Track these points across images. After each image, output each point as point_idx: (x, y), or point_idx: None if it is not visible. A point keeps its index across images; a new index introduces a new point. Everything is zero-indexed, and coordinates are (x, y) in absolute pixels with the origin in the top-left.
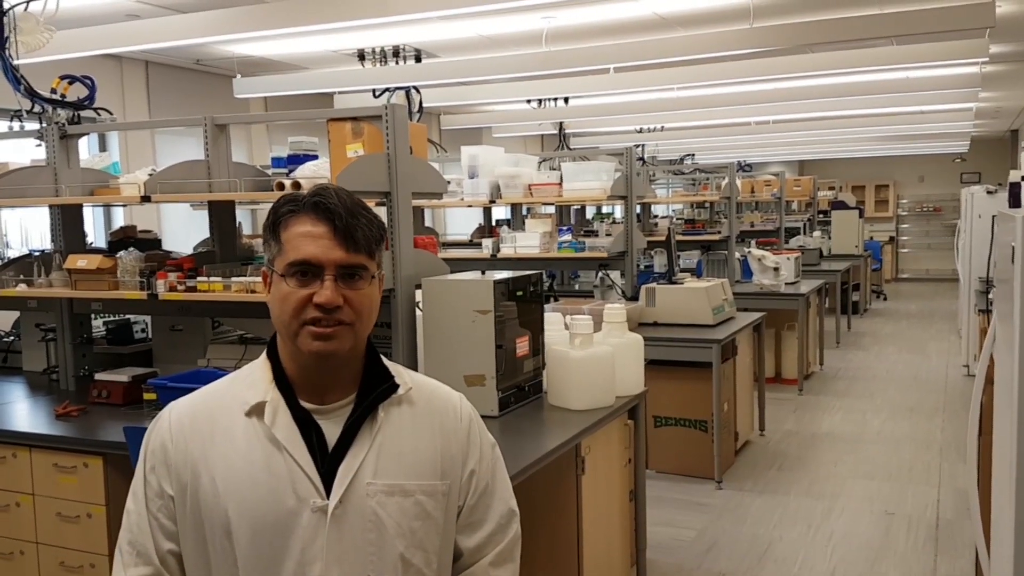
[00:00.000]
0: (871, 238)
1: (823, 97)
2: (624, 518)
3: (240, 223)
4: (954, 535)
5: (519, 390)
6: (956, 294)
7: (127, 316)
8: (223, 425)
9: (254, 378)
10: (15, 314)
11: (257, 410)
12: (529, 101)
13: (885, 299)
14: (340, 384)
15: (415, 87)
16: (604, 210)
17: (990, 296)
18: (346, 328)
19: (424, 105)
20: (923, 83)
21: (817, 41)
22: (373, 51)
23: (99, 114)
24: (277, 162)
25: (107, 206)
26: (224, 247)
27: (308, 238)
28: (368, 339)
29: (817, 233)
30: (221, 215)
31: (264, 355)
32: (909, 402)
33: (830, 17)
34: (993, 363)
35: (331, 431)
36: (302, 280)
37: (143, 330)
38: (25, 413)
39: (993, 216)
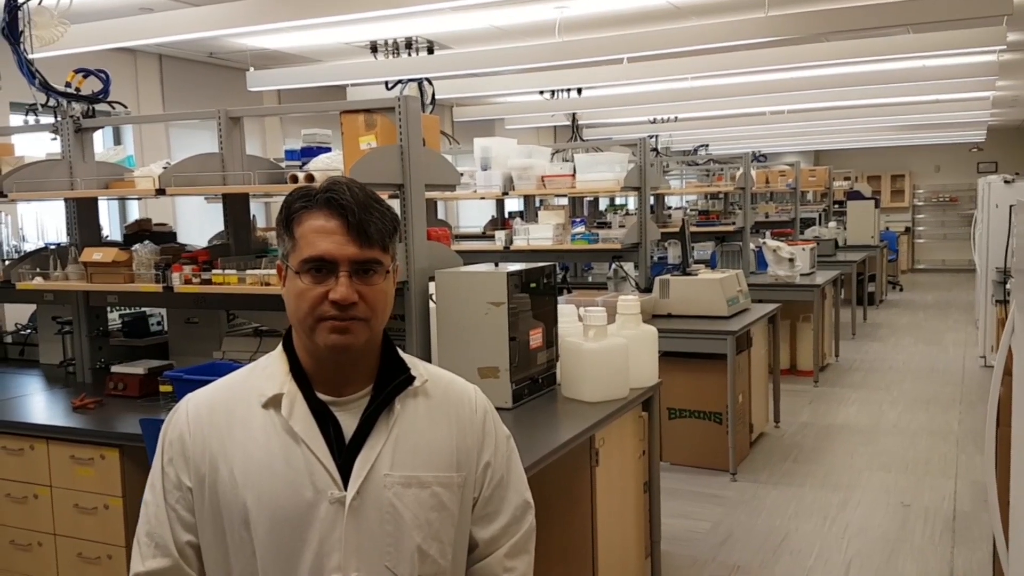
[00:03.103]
0: (887, 228)
1: (838, 86)
2: (638, 510)
3: (254, 216)
4: (971, 527)
5: (533, 382)
6: (973, 285)
7: (143, 309)
8: (241, 417)
9: (271, 370)
10: (32, 307)
11: (274, 402)
12: (542, 92)
13: (901, 290)
14: (356, 377)
15: (427, 79)
16: (617, 201)
17: (1008, 286)
18: (361, 323)
19: (436, 97)
20: (940, 72)
21: (832, 29)
22: (386, 43)
23: (113, 107)
24: (291, 154)
25: (122, 199)
26: (238, 240)
27: (321, 234)
28: (384, 332)
29: (832, 224)
30: (235, 208)
31: (280, 347)
32: (926, 394)
33: (845, 5)
34: (1011, 354)
35: (348, 423)
36: (316, 276)
37: (159, 323)
38: (42, 406)
39: (1011, 206)
